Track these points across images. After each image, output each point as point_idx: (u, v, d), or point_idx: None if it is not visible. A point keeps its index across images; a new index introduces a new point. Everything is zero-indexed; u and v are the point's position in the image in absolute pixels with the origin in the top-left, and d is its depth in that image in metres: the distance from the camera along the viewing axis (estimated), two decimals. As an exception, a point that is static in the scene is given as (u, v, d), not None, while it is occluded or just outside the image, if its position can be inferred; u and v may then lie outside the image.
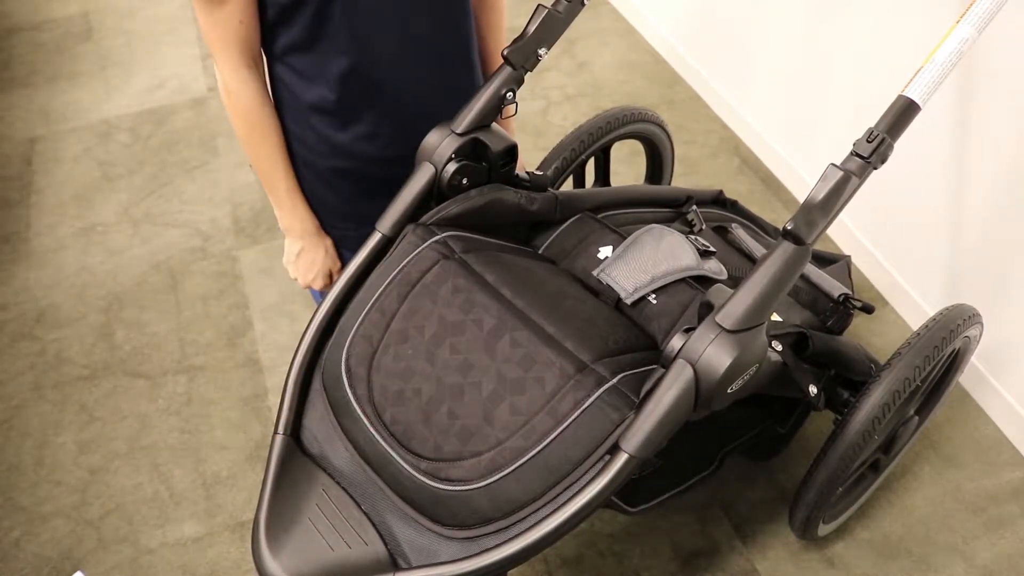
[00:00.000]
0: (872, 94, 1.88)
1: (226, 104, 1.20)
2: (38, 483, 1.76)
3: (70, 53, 2.95)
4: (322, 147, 1.27)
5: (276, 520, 1.03)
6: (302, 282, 1.38)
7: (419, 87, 1.26)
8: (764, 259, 0.99)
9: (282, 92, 1.24)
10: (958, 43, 1.03)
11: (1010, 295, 1.67)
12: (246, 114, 1.21)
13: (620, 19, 2.96)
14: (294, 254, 1.36)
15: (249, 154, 1.27)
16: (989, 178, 1.64)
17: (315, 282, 1.37)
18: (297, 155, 1.29)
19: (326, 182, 1.31)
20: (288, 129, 1.27)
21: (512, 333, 1.06)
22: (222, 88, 1.19)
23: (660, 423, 0.95)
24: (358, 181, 1.31)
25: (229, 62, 1.16)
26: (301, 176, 1.31)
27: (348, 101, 1.22)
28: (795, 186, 2.29)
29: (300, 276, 1.38)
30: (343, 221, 1.36)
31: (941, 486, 1.69)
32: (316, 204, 1.34)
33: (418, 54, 1.22)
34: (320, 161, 1.28)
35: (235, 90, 1.18)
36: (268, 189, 1.30)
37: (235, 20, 1.11)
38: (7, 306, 2.12)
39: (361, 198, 1.32)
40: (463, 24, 1.26)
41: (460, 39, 1.27)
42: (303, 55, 1.18)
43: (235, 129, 1.24)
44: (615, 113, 1.67)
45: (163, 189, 2.42)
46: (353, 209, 1.34)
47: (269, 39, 1.18)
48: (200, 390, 1.92)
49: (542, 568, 1.60)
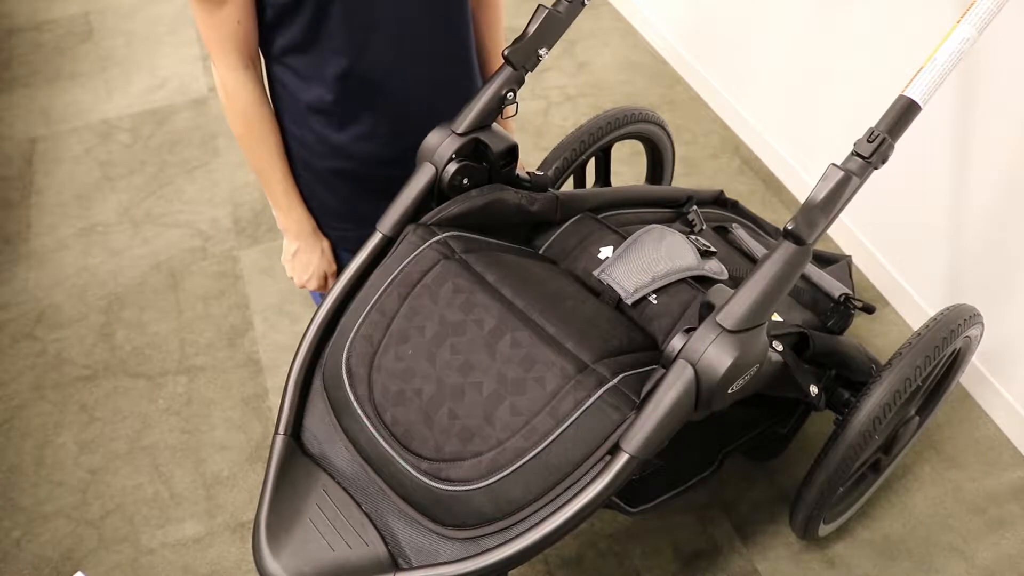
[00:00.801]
0: (872, 94, 1.88)
1: (224, 104, 1.21)
2: (38, 483, 1.76)
3: (70, 53, 2.95)
4: (320, 147, 1.27)
5: (276, 520, 1.03)
6: (298, 282, 1.39)
7: (417, 87, 1.26)
8: (765, 259, 0.99)
9: (280, 92, 1.24)
10: (959, 43, 1.03)
11: (1011, 295, 1.67)
12: (244, 114, 1.21)
13: (620, 19, 2.96)
14: (291, 253, 1.36)
15: (247, 154, 1.27)
16: (989, 178, 1.64)
17: (310, 283, 1.38)
18: (295, 155, 1.29)
19: (324, 182, 1.31)
20: (286, 129, 1.27)
21: (513, 333, 1.06)
22: (220, 88, 1.19)
23: (661, 423, 0.94)
24: (357, 181, 1.31)
25: (227, 63, 1.16)
26: (299, 176, 1.31)
27: (346, 101, 1.22)
28: (795, 186, 2.28)
29: (296, 276, 1.38)
30: (342, 221, 1.36)
31: (942, 486, 1.69)
32: (315, 204, 1.34)
33: (416, 54, 1.22)
34: (318, 161, 1.28)
35: (233, 91, 1.18)
36: (266, 189, 1.31)
37: (233, 21, 1.11)
38: (7, 306, 2.12)
39: (360, 198, 1.33)
40: (461, 23, 1.26)
41: (458, 38, 1.27)
42: (301, 55, 1.18)
43: (232, 129, 1.24)
44: (615, 113, 1.66)
45: (163, 189, 2.42)
46: (352, 209, 1.34)
47: (267, 40, 1.18)
48: (200, 390, 1.92)
49: (542, 568, 1.60)
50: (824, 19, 1.98)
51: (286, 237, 1.36)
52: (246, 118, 1.21)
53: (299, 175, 1.31)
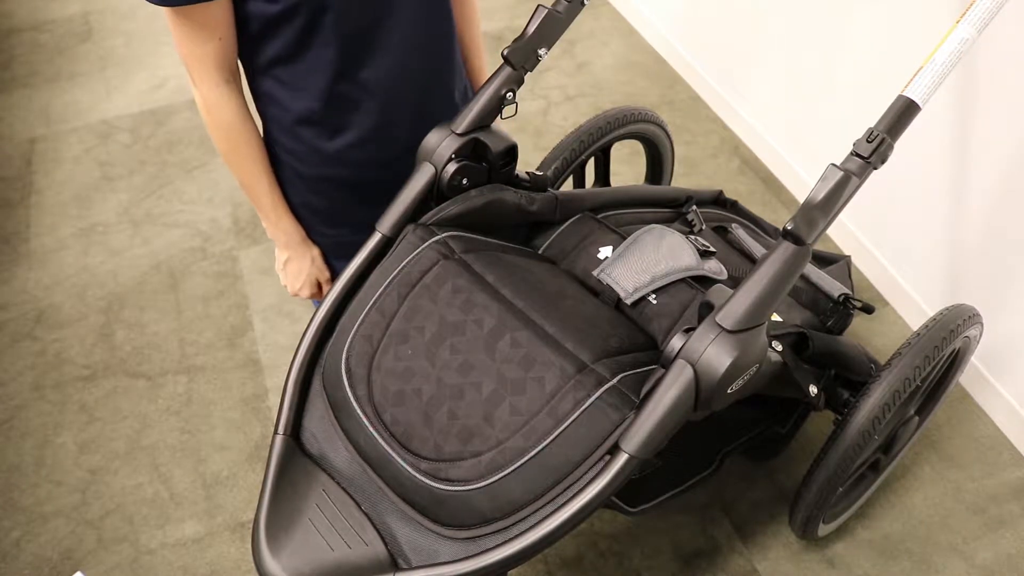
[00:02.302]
0: (872, 94, 1.88)
1: (206, 121, 1.18)
2: (38, 483, 1.76)
3: (70, 53, 2.95)
4: (312, 157, 1.25)
5: (276, 520, 1.03)
6: (291, 290, 1.39)
7: (407, 88, 1.24)
8: (764, 259, 0.99)
9: (267, 105, 1.22)
10: (958, 43, 1.03)
11: (1010, 295, 1.67)
12: (228, 131, 1.19)
13: (620, 19, 2.96)
14: (282, 262, 1.36)
15: (232, 170, 1.26)
16: (989, 178, 1.64)
17: (303, 291, 1.38)
18: (286, 165, 1.27)
19: (316, 190, 1.29)
20: (275, 140, 1.25)
21: (512, 333, 1.06)
22: (201, 106, 1.17)
23: (660, 423, 0.94)
24: (349, 187, 1.30)
25: (208, 80, 1.14)
26: (291, 185, 1.29)
27: (336, 110, 1.20)
28: (795, 186, 2.29)
29: (288, 284, 1.38)
30: (336, 227, 1.34)
31: (941, 486, 1.69)
32: (306, 213, 1.32)
33: (406, 54, 1.20)
34: (310, 170, 1.27)
35: (215, 107, 1.16)
36: (253, 202, 1.30)
37: (215, 38, 1.09)
38: (7, 306, 2.12)
39: (353, 203, 1.31)
40: (448, 22, 1.25)
41: (445, 36, 1.26)
42: (289, 66, 1.16)
43: (217, 146, 1.22)
44: (615, 113, 1.66)
45: (163, 189, 2.42)
46: (347, 214, 1.33)
47: (251, 52, 1.16)
48: (200, 390, 1.92)
49: (542, 568, 1.60)
50: (824, 19, 1.98)
51: (277, 247, 1.36)
52: (230, 134, 1.19)
53: (292, 185, 1.29)
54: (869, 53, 1.86)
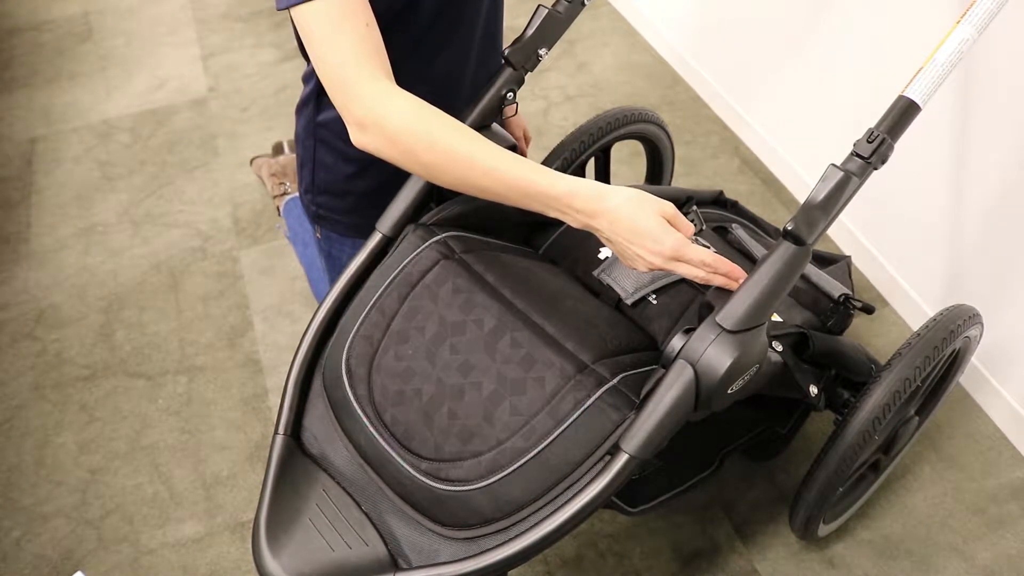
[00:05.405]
0: (872, 94, 1.88)
1: (386, 139, 0.97)
2: (38, 483, 1.76)
3: (70, 53, 2.95)
4: None
5: (276, 520, 1.03)
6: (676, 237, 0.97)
7: (469, 69, 1.27)
8: (764, 259, 0.99)
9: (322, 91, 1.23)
10: (958, 43, 1.03)
11: (1010, 295, 1.67)
12: (417, 131, 0.98)
13: (620, 19, 2.96)
14: (621, 214, 0.98)
15: (450, 179, 1.01)
16: (989, 178, 1.64)
17: (686, 229, 1.00)
18: (332, 148, 1.29)
19: (370, 172, 1.31)
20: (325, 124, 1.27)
21: (512, 333, 1.06)
22: (371, 121, 0.98)
23: (660, 423, 0.95)
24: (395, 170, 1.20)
25: (371, 77, 0.98)
26: (338, 171, 1.30)
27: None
28: (795, 186, 2.28)
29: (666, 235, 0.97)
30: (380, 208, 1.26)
31: (941, 486, 1.69)
32: (350, 200, 1.34)
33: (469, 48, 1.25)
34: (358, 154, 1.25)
35: (388, 107, 0.98)
36: (503, 187, 0.99)
37: (362, 24, 0.97)
38: (7, 306, 2.12)
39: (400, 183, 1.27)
40: (501, 23, 1.30)
41: (500, 17, 1.30)
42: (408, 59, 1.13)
43: (414, 161, 0.99)
44: (615, 113, 1.66)
45: (163, 189, 2.42)
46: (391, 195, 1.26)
47: None
48: (200, 390, 1.92)
49: (542, 568, 1.60)
50: (824, 19, 1.98)
51: (591, 203, 0.98)
52: (425, 134, 0.98)
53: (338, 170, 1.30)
54: (870, 53, 1.86)
